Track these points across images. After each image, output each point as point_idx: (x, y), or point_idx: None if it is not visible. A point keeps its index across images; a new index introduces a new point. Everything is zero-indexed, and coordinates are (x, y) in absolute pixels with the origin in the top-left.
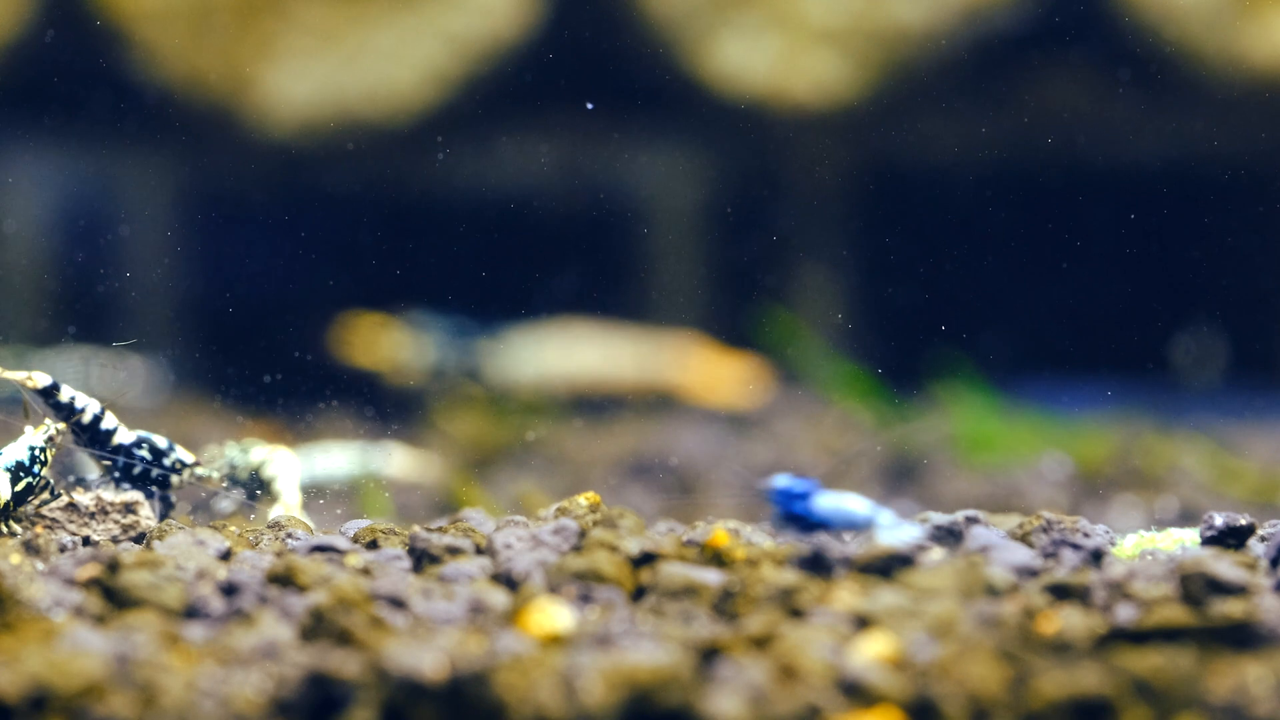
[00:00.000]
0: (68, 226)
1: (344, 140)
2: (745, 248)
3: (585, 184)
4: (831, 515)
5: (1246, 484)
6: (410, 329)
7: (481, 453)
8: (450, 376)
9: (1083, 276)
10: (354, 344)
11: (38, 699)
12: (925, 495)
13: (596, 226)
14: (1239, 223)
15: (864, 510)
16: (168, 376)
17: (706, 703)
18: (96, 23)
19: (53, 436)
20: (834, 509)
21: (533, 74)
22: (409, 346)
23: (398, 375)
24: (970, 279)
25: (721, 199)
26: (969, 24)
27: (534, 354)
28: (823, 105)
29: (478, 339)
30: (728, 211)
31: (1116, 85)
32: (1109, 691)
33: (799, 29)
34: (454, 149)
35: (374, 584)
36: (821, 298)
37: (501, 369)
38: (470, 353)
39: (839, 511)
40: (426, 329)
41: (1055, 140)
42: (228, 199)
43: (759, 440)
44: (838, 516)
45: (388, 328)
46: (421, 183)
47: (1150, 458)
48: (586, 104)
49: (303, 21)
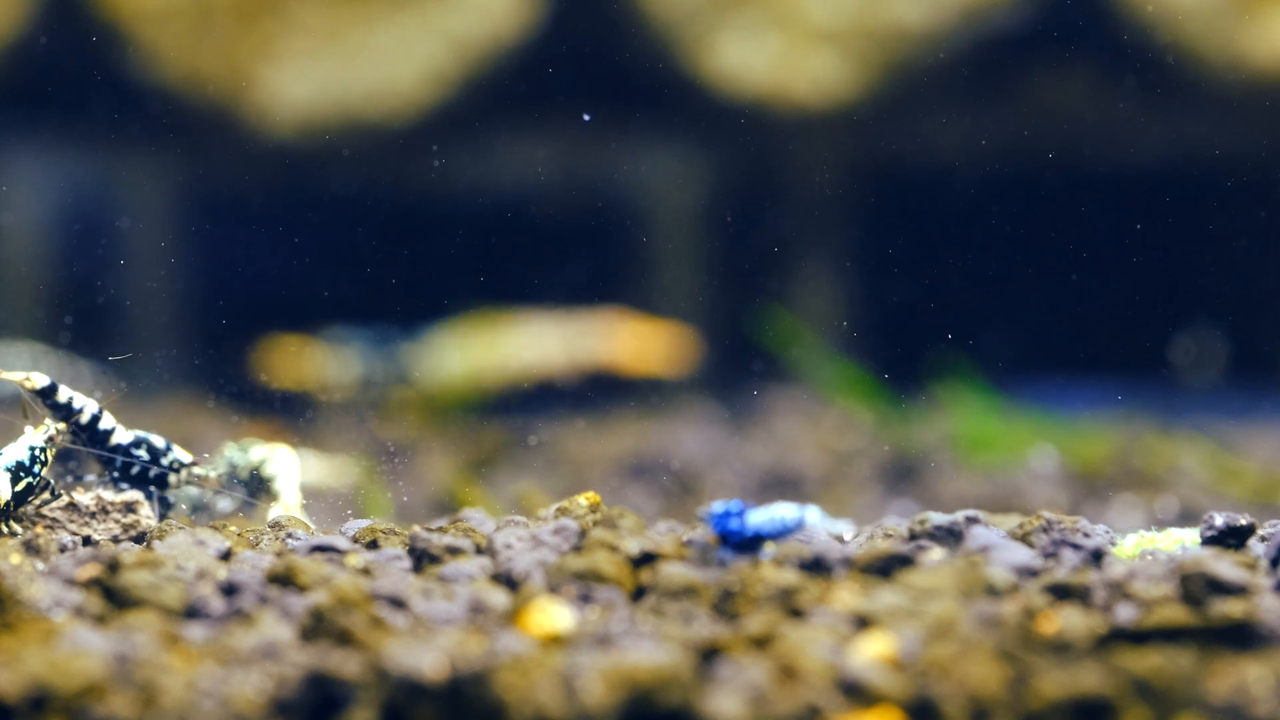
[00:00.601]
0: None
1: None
2: (745, 248)
3: (585, 184)
4: (765, 526)
5: (1246, 484)
6: (331, 345)
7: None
8: (379, 386)
9: (1083, 277)
10: (277, 367)
11: (38, 699)
12: (925, 495)
13: (596, 226)
14: (1239, 223)
15: (794, 514)
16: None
17: (706, 703)
18: (96, 23)
19: (53, 437)
20: (767, 520)
21: (532, 74)
22: (333, 363)
23: (326, 393)
24: (970, 279)
25: (721, 199)
26: (969, 24)
27: (459, 351)
28: (823, 105)
29: (400, 345)
30: (727, 212)
31: (1116, 86)
32: (1109, 691)
33: (799, 29)
34: (453, 149)
35: (374, 584)
36: (822, 298)
37: (431, 370)
38: (395, 359)
39: (772, 521)
40: (348, 343)
41: (1055, 140)
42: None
43: (759, 440)
44: (771, 525)
45: (308, 348)
46: (420, 184)
47: (1150, 458)
48: (584, 115)
49: (303, 21)
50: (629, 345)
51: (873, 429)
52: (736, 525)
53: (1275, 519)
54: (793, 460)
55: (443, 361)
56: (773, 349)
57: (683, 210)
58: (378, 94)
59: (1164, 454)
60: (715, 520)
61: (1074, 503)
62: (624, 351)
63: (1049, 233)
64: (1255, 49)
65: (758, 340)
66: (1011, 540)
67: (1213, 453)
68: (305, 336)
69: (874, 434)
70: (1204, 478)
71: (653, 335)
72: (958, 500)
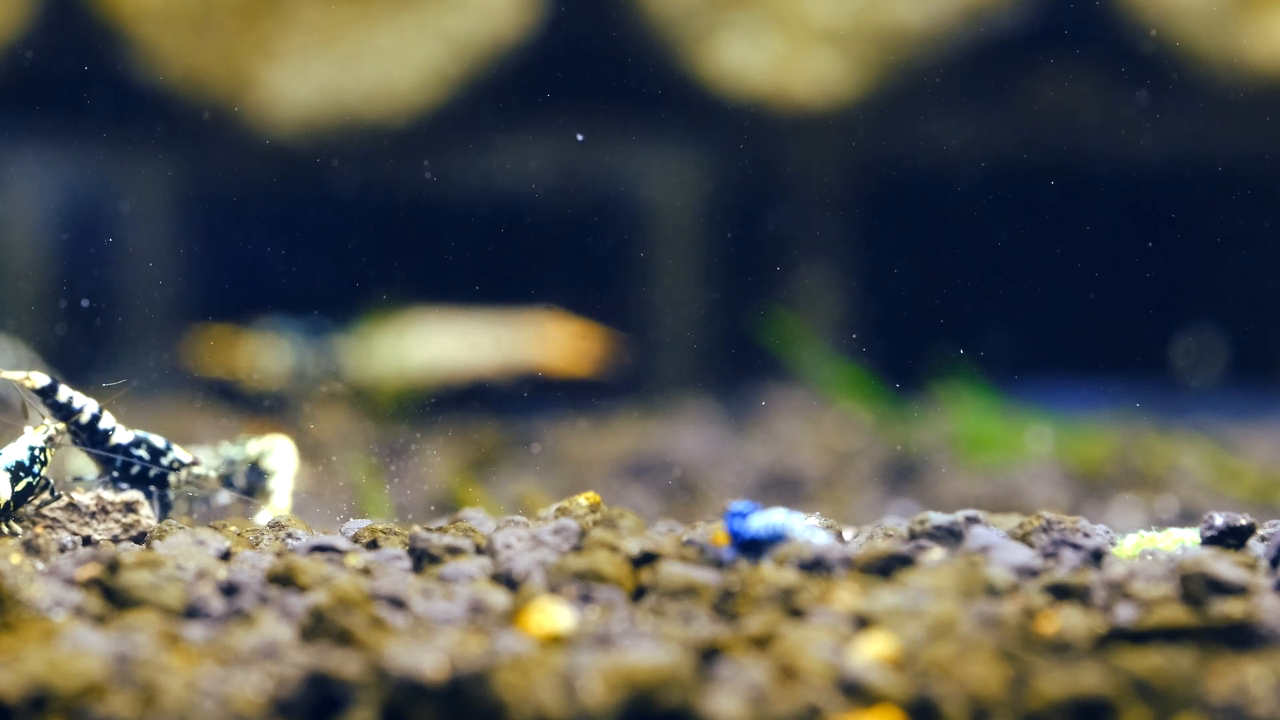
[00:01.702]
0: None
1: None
2: (745, 248)
3: (584, 184)
4: (763, 532)
5: (1246, 484)
6: (263, 335)
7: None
8: (310, 377)
9: (1083, 277)
10: (207, 355)
11: (38, 699)
12: (925, 495)
13: (596, 227)
14: (1239, 223)
15: (794, 523)
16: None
17: (706, 703)
18: (96, 23)
19: (53, 436)
20: (765, 526)
21: (532, 74)
22: (264, 352)
23: (256, 382)
24: (970, 279)
25: (721, 199)
26: (969, 24)
27: (393, 348)
28: (823, 105)
29: (333, 337)
30: (727, 212)
31: (1116, 86)
32: (1109, 691)
33: (799, 29)
34: (453, 149)
35: (374, 584)
36: (822, 298)
37: (363, 366)
38: (328, 352)
39: (771, 527)
40: (280, 333)
41: (1055, 140)
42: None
43: (759, 440)
44: (771, 532)
45: (239, 337)
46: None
47: (1150, 458)
48: (578, 136)
49: (303, 21)
50: (559, 346)
51: (873, 429)
52: (746, 526)
53: (1275, 519)
54: (793, 460)
55: (373, 356)
56: (773, 349)
57: (683, 210)
58: (378, 94)
59: (1164, 454)
60: (731, 518)
61: (1074, 503)
62: (555, 352)
63: (1049, 233)
64: (1255, 49)
65: (758, 340)
66: (1011, 540)
67: (1213, 453)
68: (237, 326)
69: (874, 434)
70: (1204, 478)
71: (582, 337)
72: (958, 500)
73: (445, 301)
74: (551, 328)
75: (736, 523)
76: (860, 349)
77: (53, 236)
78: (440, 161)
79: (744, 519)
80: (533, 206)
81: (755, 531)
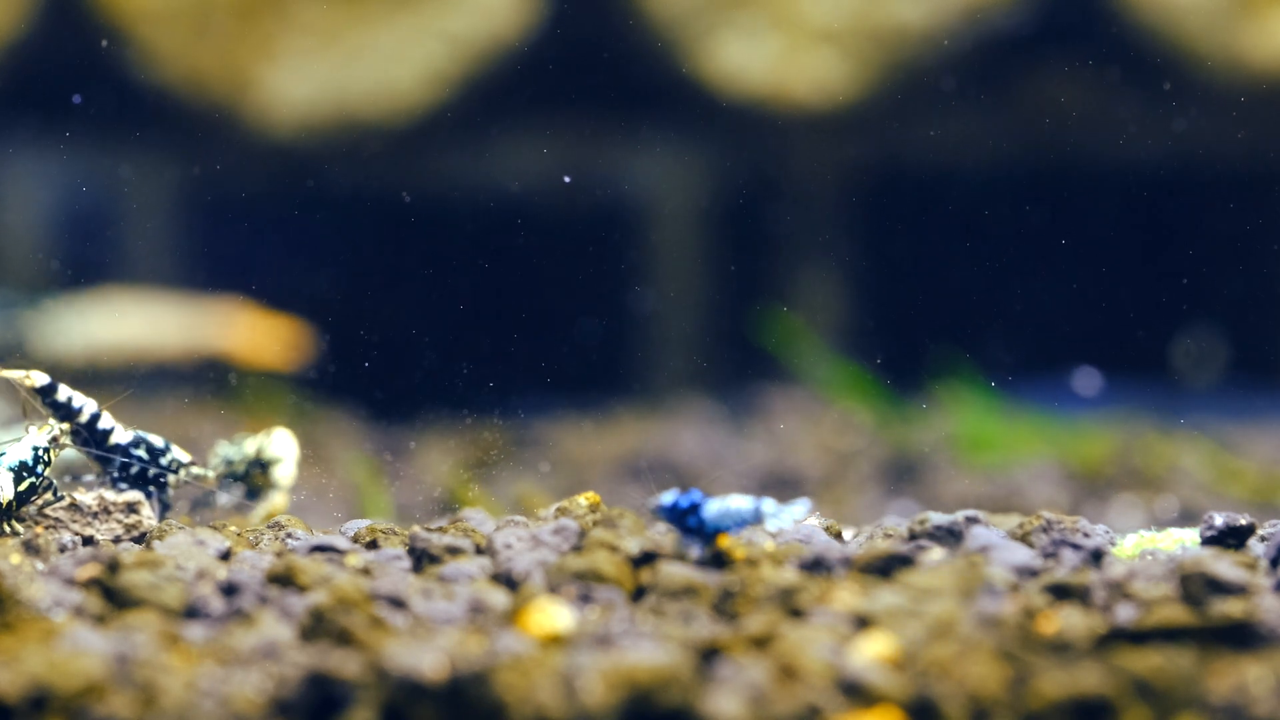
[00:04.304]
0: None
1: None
2: (745, 248)
3: (584, 184)
4: (720, 518)
5: (1246, 484)
6: None
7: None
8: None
9: (1083, 276)
10: None
11: (38, 699)
12: (925, 495)
13: (595, 227)
14: (1239, 223)
15: (749, 505)
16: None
17: (706, 703)
18: (96, 23)
19: (56, 436)
20: (721, 512)
21: (532, 74)
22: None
23: None
24: (970, 279)
25: (721, 199)
26: (969, 24)
27: (79, 325)
28: (823, 105)
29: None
30: (727, 212)
31: (1116, 85)
32: (1109, 691)
33: (799, 29)
34: (452, 149)
35: (374, 584)
36: (822, 298)
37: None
38: (11, 324)
39: (726, 513)
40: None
41: (1055, 140)
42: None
43: (759, 440)
44: (727, 518)
45: None
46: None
47: (1150, 458)
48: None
49: (303, 21)
50: (247, 336)
51: (873, 429)
52: (689, 518)
53: (1275, 519)
54: (793, 460)
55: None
56: (773, 349)
57: (683, 210)
58: (377, 94)
59: (1164, 454)
60: (664, 512)
61: (1074, 503)
62: (242, 342)
63: (1049, 232)
64: (1255, 49)
65: (758, 340)
66: (1011, 540)
67: (1213, 453)
68: None
69: (874, 434)
70: (1204, 478)
71: (270, 329)
72: (958, 500)
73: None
74: (239, 317)
75: (676, 514)
76: (860, 349)
77: (52, 236)
78: (440, 162)
79: (681, 510)
80: (533, 207)
81: (713, 521)
